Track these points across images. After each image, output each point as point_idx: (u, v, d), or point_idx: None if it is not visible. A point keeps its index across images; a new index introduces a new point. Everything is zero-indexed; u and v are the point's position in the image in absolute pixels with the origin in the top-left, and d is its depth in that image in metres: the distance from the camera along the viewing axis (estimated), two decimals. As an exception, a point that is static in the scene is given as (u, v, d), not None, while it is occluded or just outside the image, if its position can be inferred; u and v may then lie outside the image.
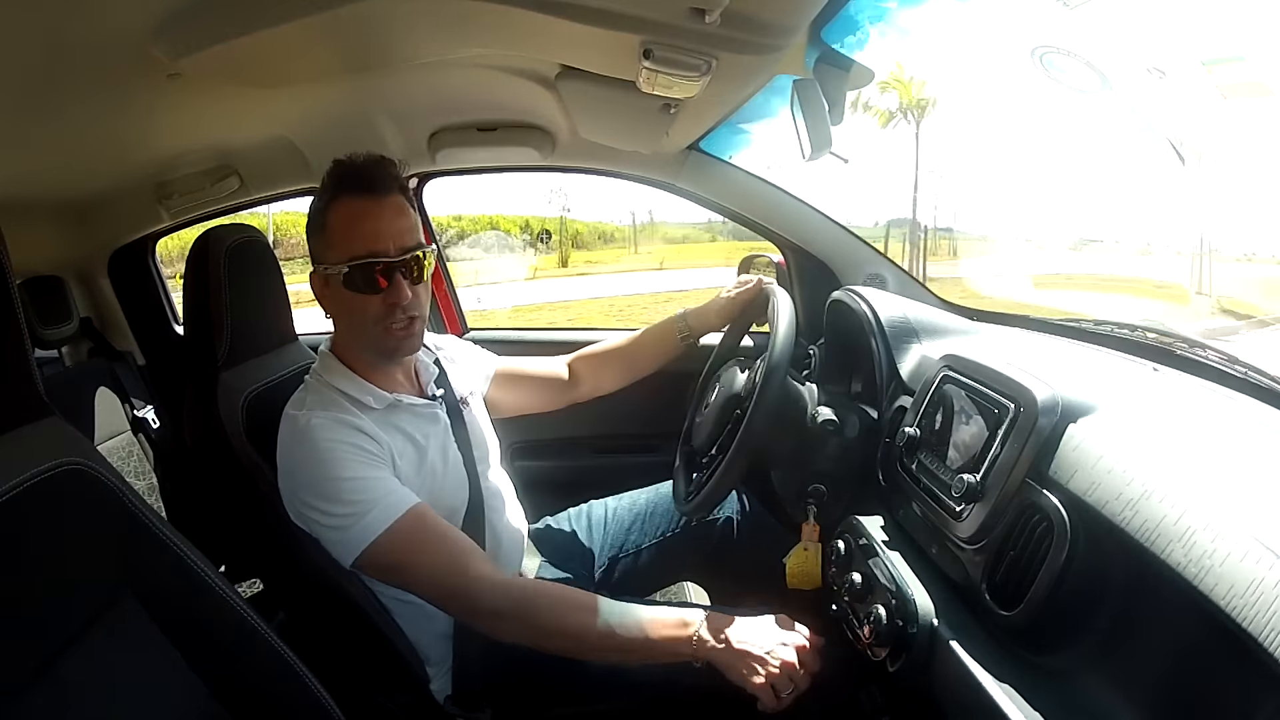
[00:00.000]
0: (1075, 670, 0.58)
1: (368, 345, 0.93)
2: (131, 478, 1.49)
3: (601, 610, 0.81)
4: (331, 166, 0.92)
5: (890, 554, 0.79)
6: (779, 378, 0.88)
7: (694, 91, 0.90)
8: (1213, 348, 0.86)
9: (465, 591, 0.83)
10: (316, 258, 0.91)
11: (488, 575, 0.84)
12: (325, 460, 0.83)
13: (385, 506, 0.82)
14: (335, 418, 0.87)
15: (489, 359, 1.21)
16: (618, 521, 1.22)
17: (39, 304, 1.51)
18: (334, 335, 0.97)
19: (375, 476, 0.85)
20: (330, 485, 0.83)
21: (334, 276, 0.88)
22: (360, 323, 0.90)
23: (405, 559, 0.83)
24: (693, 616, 0.82)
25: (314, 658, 0.71)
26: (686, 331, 1.17)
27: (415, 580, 0.85)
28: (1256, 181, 3.18)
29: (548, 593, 0.88)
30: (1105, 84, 0.93)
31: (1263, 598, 0.43)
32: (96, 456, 0.60)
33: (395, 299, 0.88)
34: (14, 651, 0.51)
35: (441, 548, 0.85)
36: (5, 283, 0.52)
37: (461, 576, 0.83)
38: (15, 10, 0.68)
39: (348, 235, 0.88)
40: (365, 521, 0.81)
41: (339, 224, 0.89)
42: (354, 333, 0.93)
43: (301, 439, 0.85)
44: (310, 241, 0.93)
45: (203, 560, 0.65)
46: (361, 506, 0.82)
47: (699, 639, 0.80)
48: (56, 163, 1.23)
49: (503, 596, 0.83)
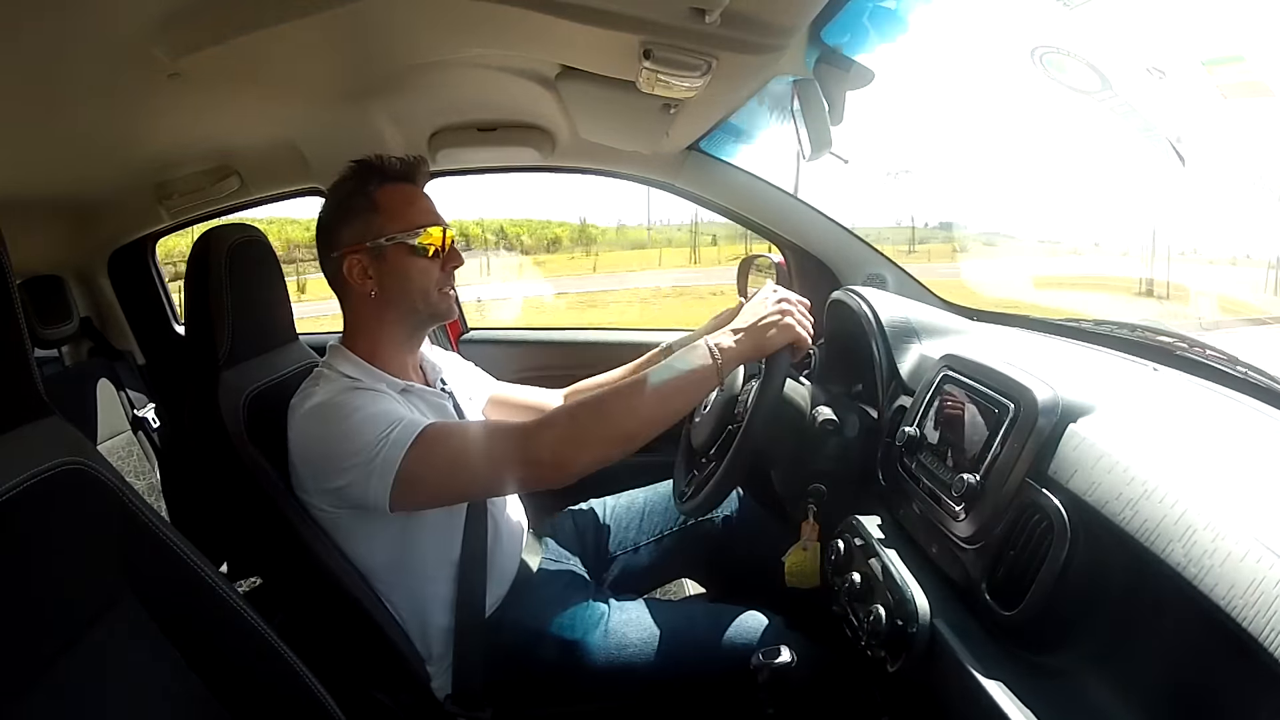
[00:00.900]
0: (1075, 670, 0.58)
1: (425, 308, 0.96)
2: (131, 477, 1.49)
3: (627, 384, 0.85)
4: (364, 160, 0.95)
5: (890, 554, 0.79)
6: (779, 378, 0.88)
7: (694, 91, 0.90)
8: (1213, 348, 0.86)
9: (512, 459, 0.83)
10: (367, 235, 0.92)
11: (520, 430, 0.84)
12: (335, 414, 0.84)
13: (406, 425, 0.82)
14: (344, 386, 0.88)
15: (486, 381, 1.21)
16: (617, 520, 1.22)
17: (39, 304, 1.51)
18: (350, 326, 0.97)
19: (388, 409, 0.85)
20: (347, 426, 0.82)
21: (398, 245, 0.92)
22: (422, 287, 0.94)
23: (440, 465, 0.83)
24: (699, 344, 0.86)
25: (314, 657, 0.71)
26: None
27: (459, 480, 0.86)
28: (1257, 183, 3.21)
29: (576, 403, 0.88)
30: (1105, 84, 0.93)
31: (1263, 598, 0.43)
32: (96, 456, 0.60)
33: (456, 262, 0.97)
34: (14, 651, 0.51)
35: (468, 437, 0.86)
36: (5, 283, 0.52)
37: (499, 446, 0.84)
38: (15, 10, 0.68)
39: (408, 209, 0.94)
40: (390, 444, 0.81)
41: (394, 202, 0.94)
42: (409, 301, 0.95)
43: (310, 413, 0.86)
44: (346, 226, 0.94)
45: (203, 560, 0.65)
46: (383, 432, 0.81)
47: (718, 351, 0.85)
48: (56, 163, 1.23)
49: (541, 433, 0.83)
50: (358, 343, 0.96)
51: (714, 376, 0.85)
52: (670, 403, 0.84)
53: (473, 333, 1.85)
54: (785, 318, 0.87)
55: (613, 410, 0.83)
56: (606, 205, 43.30)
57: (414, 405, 0.93)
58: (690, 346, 0.87)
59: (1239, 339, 1.30)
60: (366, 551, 0.91)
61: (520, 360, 1.44)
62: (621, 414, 0.83)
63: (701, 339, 0.87)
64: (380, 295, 0.94)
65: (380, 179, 0.94)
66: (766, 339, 0.86)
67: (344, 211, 0.95)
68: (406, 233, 0.92)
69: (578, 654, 0.95)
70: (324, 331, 1.87)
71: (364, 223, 0.93)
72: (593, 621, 0.98)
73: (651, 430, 0.84)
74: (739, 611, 0.98)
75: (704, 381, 0.85)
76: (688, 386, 0.84)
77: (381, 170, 0.95)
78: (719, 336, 0.86)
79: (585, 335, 1.86)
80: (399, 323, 0.96)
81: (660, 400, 0.83)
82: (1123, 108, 0.96)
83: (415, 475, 0.81)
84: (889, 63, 0.97)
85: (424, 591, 0.93)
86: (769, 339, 0.86)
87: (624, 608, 1.01)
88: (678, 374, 0.84)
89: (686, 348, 0.87)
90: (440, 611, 0.94)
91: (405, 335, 0.98)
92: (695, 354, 0.85)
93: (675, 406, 0.85)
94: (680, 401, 0.85)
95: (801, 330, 0.88)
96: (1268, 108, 0.83)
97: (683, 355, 0.86)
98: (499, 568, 1.00)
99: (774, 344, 0.86)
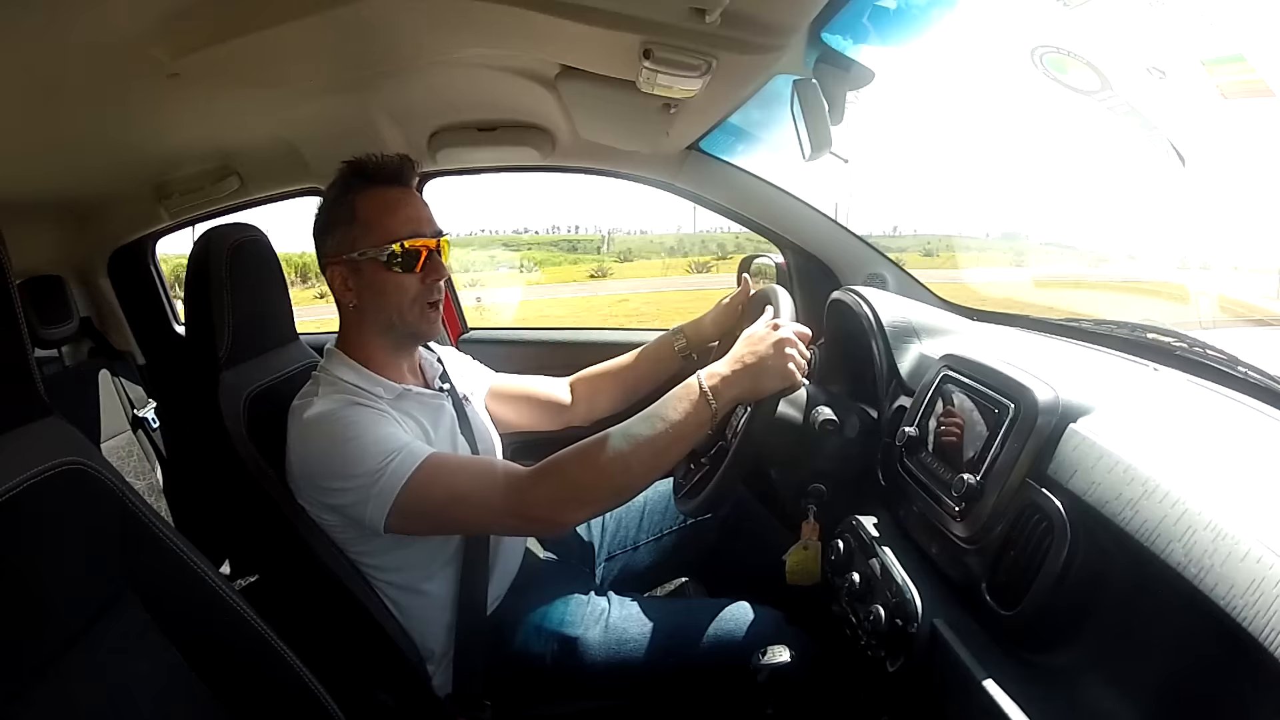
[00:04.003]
0: (1075, 670, 0.58)
1: (401, 326, 0.94)
2: (132, 477, 1.49)
3: (620, 434, 0.82)
4: (350, 163, 0.93)
5: (890, 554, 0.79)
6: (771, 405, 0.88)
7: (694, 91, 0.90)
8: (1213, 348, 0.86)
9: (507, 511, 0.82)
10: (345, 248, 0.92)
11: (515, 484, 0.83)
12: (340, 432, 0.83)
13: (406, 454, 0.82)
14: (346, 400, 0.88)
15: (485, 373, 1.21)
16: (617, 519, 1.22)
17: (39, 304, 1.51)
18: (343, 332, 0.97)
19: (391, 433, 0.85)
20: (350, 448, 0.82)
21: (372, 261, 0.90)
22: (398, 303, 0.92)
23: (436, 500, 0.83)
24: (693, 382, 0.84)
25: (315, 656, 0.71)
26: (684, 345, 1.16)
27: (453, 520, 0.86)
28: (1256, 184, 3.16)
29: (570, 459, 0.84)
30: (1105, 84, 0.93)
31: (1263, 598, 0.43)
32: (96, 456, 0.60)
33: (436, 275, 0.93)
34: (15, 651, 0.51)
35: (465, 478, 0.85)
36: (5, 283, 0.52)
37: (496, 496, 0.82)
38: (16, 11, 0.68)
39: (388, 219, 0.91)
40: (389, 474, 0.81)
41: (374, 211, 0.91)
42: (385, 316, 0.94)
43: (312, 424, 0.85)
44: (330, 236, 0.93)
45: (202, 560, 0.65)
46: (383, 461, 0.81)
47: (714, 392, 0.82)
48: (56, 163, 1.23)
49: (536, 489, 0.82)
50: (352, 348, 0.95)
51: (709, 422, 0.83)
52: (665, 455, 0.82)
53: (472, 332, 1.85)
54: (787, 363, 0.84)
55: (607, 466, 0.81)
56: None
57: (411, 412, 0.93)
58: (683, 387, 0.84)
59: (1242, 337, 1.30)
60: (366, 551, 0.91)
61: (520, 360, 1.43)
62: (616, 470, 0.81)
63: (694, 378, 0.84)
64: (359, 309, 0.94)
65: (363, 183, 0.92)
66: (762, 384, 0.84)
67: (328, 219, 0.94)
68: (380, 247, 0.90)
69: (578, 650, 0.95)
70: (325, 331, 1.87)
71: (343, 234, 0.92)
72: (593, 618, 0.98)
73: (647, 482, 0.84)
74: (739, 606, 0.98)
75: (699, 427, 0.82)
76: (682, 436, 0.82)
77: (365, 173, 0.93)
78: (713, 376, 0.83)
79: (585, 335, 1.86)
80: (382, 336, 0.95)
81: (654, 453, 0.81)
82: (1123, 108, 0.95)
83: (411, 507, 0.81)
84: (888, 62, 0.96)
85: (425, 591, 0.93)
86: (764, 385, 0.84)
87: (624, 603, 1.01)
88: (671, 423, 0.81)
89: (680, 388, 0.84)
90: (441, 611, 0.94)
91: (392, 346, 0.97)
92: (688, 400, 0.82)
93: (671, 457, 0.84)
94: (675, 452, 0.83)
95: (798, 373, 0.85)
96: (1268, 108, 0.83)
97: (675, 401, 0.83)
98: (502, 568, 1.00)
99: (770, 387, 0.84)
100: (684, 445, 0.84)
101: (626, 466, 0.81)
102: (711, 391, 0.82)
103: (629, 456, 0.80)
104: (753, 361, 0.84)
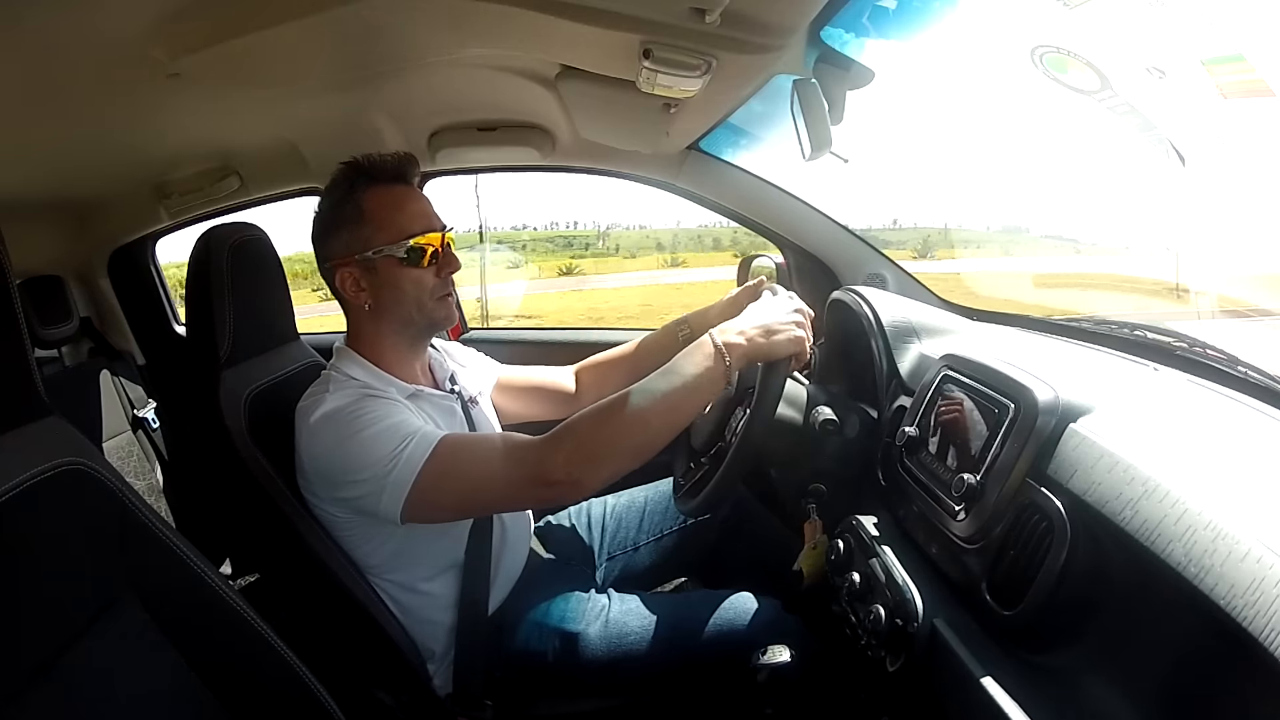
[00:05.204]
0: (1075, 670, 0.58)
1: (421, 319, 0.94)
2: (132, 477, 1.50)
3: (639, 390, 0.81)
4: (351, 162, 0.93)
5: (890, 554, 0.79)
6: (780, 378, 0.88)
7: (694, 91, 0.90)
8: (1213, 347, 0.86)
9: (527, 479, 0.81)
10: (356, 247, 0.91)
11: (533, 451, 0.82)
12: (351, 424, 0.82)
13: (420, 439, 0.81)
14: (358, 394, 0.87)
15: (492, 366, 1.21)
16: (618, 519, 1.22)
17: (39, 304, 1.51)
18: (353, 331, 0.97)
19: (403, 420, 0.84)
20: (362, 438, 0.81)
21: (387, 258, 0.90)
22: (416, 298, 0.93)
23: (454, 480, 0.82)
24: (705, 339, 0.84)
25: (315, 656, 0.71)
26: (688, 334, 1.16)
27: (474, 499, 0.85)
28: (1256, 184, 3.16)
29: (586, 418, 0.83)
30: (1105, 84, 0.93)
31: (1263, 598, 0.43)
32: (96, 456, 0.60)
33: (451, 267, 0.94)
34: (14, 651, 0.51)
35: (483, 453, 0.83)
36: (5, 283, 0.52)
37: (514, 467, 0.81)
38: (16, 11, 0.68)
39: (398, 216, 0.91)
40: (404, 460, 0.80)
41: (384, 209, 0.91)
42: (404, 312, 0.93)
43: (324, 420, 0.85)
44: (336, 238, 0.93)
45: (202, 560, 0.65)
46: (397, 447, 0.80)
47: (727, 348, 0.82)
48: (56, 163, 1.23)
49: (555, 453, 0.81)
50: (364, 347, 0.95)
51: (723, 377, 0.82)
52: (681, 409, 0.82)
53: (473, 332, 1.85)
54: (798, 329, 0.85)
55: (625, 422, 0.80)
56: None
57: (424, 411, 0.93)
58: (696, 344, 0.84)
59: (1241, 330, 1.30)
60: (369, 551, 0.91)
61: (520, 360, 1.44)
62: (634, 425, 0.80)
63: (707, 335, 0.84)
64: (375, 308, 0.93)
65: (368, 182, 0.92)
66: (776, 343, 0.84)
67: (333, 220, 0.93)
68: (395, 244, 0.90)
69: (579, 647, 0.95)
70: (326, 331, 1.87)
71: (352, 234, 0.91)
72: (594, 614, 0.98)
73: (665, 438, 0.83)
74: (739, 597, 0.98)
75: (714, 383, 0.82)
76: (698, 389, 0.82)
77: (369, 172, 0.92)
78: (726, 334, 0.84)
79: (585, 335, 1.86)
80: (398, 333, 0.95)
81: (671, 408, 0.81)
82: (1122, 107, 0.95)
83: (429, 492, 0.80)
84: (889, 62, 0.97)
85: (426, 591, 0.94)
86: (778, 343, 0.84)
87: (624, 599, 1.01)
88: (687, 378, 0.81)
89: (693, 345, 0.84)
90: (442, 611, 0.94)
91: (407, 344, 0.97)
92: (702, 354, 0.82)
93: (687, 411, 0.83)
94: (692, 406, 0.83)
95: (807, 342, 0.87)
96: (1268, 108, 0.83)
97: (690, 356, 0.83)
98: (505, 568, 1.00)
99: (783, 350, 0.84)
100: (700, 401, 0.84)
101: (645, 421, 0.80)
102: (725, 347, 0.82)
103: (647, 411, 0.80)
104: (768, 324, 0.85)
